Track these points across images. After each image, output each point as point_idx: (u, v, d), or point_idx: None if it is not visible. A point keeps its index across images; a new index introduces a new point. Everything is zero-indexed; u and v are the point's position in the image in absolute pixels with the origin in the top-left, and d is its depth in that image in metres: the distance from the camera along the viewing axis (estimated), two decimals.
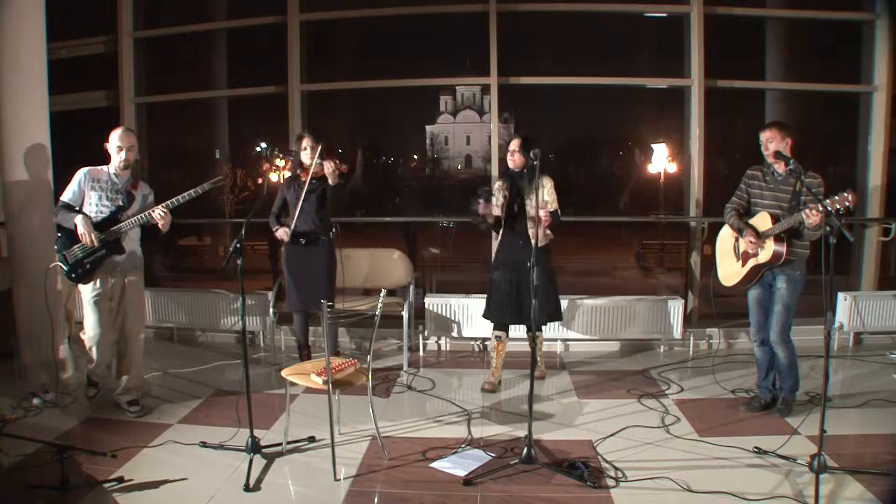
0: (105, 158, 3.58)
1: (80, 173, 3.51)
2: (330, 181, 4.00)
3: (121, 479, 2.76)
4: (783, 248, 3.30)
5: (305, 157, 4.11)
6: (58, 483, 2.61)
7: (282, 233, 4.11)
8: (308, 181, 4.01)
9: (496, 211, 3.88)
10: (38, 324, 4.09)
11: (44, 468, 2.79)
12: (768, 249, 3.33)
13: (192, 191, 3.44)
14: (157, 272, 6.09)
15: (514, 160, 3.91)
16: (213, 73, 5.98)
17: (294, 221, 4.08)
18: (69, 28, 5.33)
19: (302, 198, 4.02)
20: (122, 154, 3.50)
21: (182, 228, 6.58)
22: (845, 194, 2.84)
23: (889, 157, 5.10)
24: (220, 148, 6.44)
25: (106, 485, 2.72)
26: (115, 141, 3.50)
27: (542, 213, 3.67)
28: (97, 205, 3.50)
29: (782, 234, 3.29)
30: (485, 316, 4.14)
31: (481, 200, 3.85)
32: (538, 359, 4.23)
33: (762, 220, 3.39)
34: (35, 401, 3.66)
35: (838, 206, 2.85)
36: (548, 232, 3.91)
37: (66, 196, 3.48)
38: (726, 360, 4.59)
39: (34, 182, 4.08)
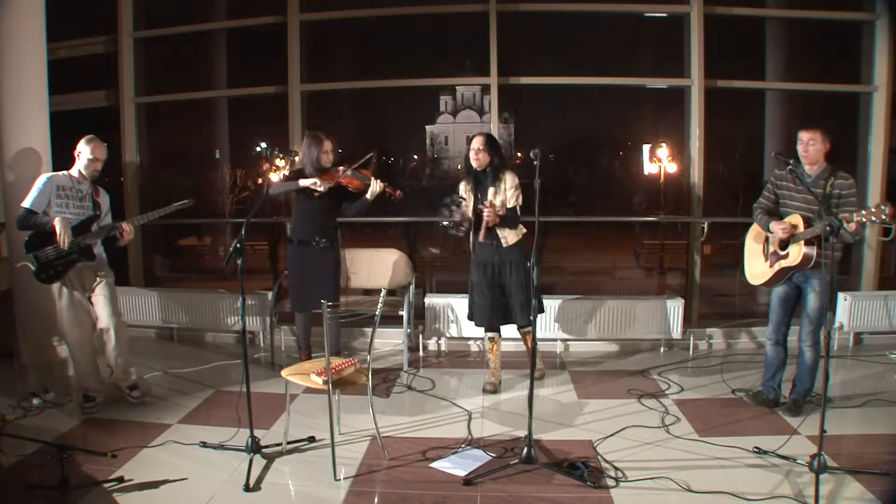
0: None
1: (42, 179, 3.50)
2: (368, 196, 3.97)
3: (121, 479, 2.76)
4: (813, 252, 3.25)
5: (327, 161, 4.02)
6: (58, 483, 2.61)
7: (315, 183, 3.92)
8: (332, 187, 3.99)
9: (468, 213, 3.88)
10: (38, 324, 4.10)
11: (44, 468, 2.78)
12: (798, 253, 3.29)
13: (159, 210, 3.59)
14: (157, 272, 6.09)
15: (479, 159, 3.81)
16: (213, 73, 5.98)
17: (305, 222, 4.08)
18: (69, 28, 5.33)
19: (321, 200, 4.03)
20: (95, 166, 3.56)
21: (182, 228, 6.58)
22: (883, 207, 2.78)
23: (889, 157, 5.10)
24: (220, 148, 6.44)
25: (106, 485, 2.72)
26: (88, 153, 3.53)
27: (486, 212, 3.68)
28: (64, 212, 3.48)
29: (813, 238, 3.26)
30: (469, 318, 4.10)
31: (454, 208, 3.84)
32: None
33: (794, 222, 3.35)
34: (35, 401, 3.66)
35: (873, 219, 2.81)
36: (520, 227, 3.86)
37: (28, 202, 3.44)
38: (726, 360, 4.59)
39: (35, 181, 4.08)
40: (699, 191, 5.10)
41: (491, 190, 3.80)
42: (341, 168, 4.00)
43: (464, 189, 3.96)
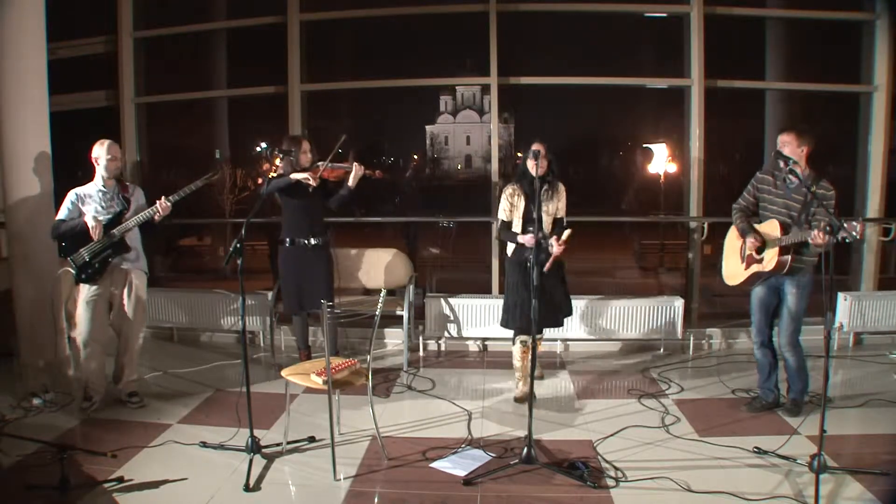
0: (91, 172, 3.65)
1: (71, 194, 3.57)
2: (350, 183, 4.01)
3: (121, 479, 2.76)
4: (787, 259, 3.27)
5: (305, 160, 4.10)
6: (58, 483, 2.61)
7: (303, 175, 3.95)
8: (316, 183, 4.02)
9: (514, 218, 3.76)
10: (38, 324, 4.10)
11: (44, 468, 2.79)
12: (772, 259, 3.30)
13: (190, 186, 3.57)
14: (157, 272, 6.09)
15: (542, 165, 3.62)
16: (213, 73, 5.98)
17: (295, 222, 4.10)
18: (69, 28, 5.33)
19: (308, 199, 4.06)
20: (115, 164, 3.60)
21: (182, 228, 6.58)
22: (854, 224, 2.80)
23: (889, 157, 5.10)
24: (220, 148, 6.44)
25: (106, 485, 2.73)
26: (104, 153, 3.57)
27: (556, 248, 3.54)
28: (96, 215, 3.52)
29: (788, 245, 3.26)
30: (505, 325, 3.88)
31: (528, 236, 3.62)
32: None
33: (771, 228, 3.35)
34: (35, 401, 3.66)
35: (844, 236, 2.81)
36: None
37: (62, 215, 3.53)
38: (726, 360, 4.59)
39: (35, 182, 4.09)
40: (699, 191, 5.09)
41: (551, 203, 3.75)
42: (321, 163, 4.05)
43: (509, 195, 3.78)
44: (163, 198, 3.53)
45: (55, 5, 4.28)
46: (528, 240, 3.61)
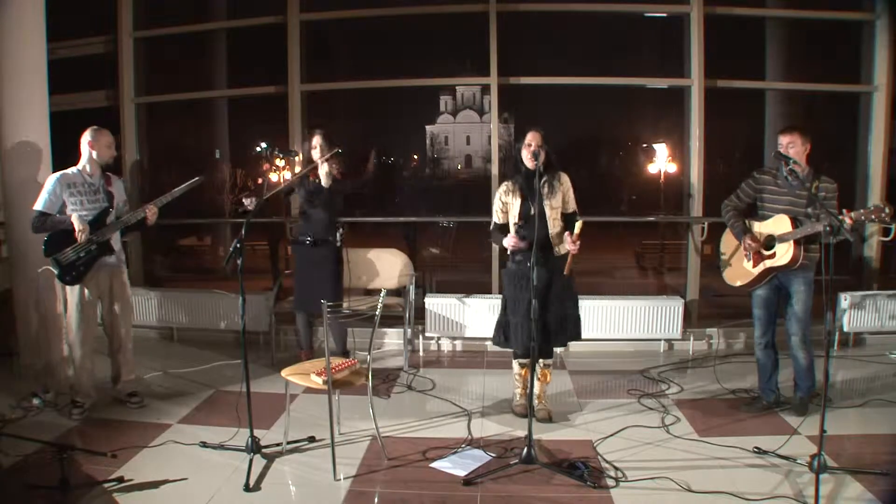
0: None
1: (52, 179, 3.45)
2: (322, 182, 4.06)
3: (121, 479, 2.76)
4: (800, 252, 3.29)
5: (315, 155, 4.11)
6: (58, 483, 2.61)
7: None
8: (315, 180, 4.05)
9: (509, 219, 3.42)
10: (38, 324, 4.10)
11: (44, 468, 2.79)
12: (787, 253, 3.31)
13: (175, 190, 3.59)
14: (157, 272, 6.09)
15: (537, 157, 3.23)
16: (213, 73, 5.98)
17: (305, 221, 4.13)
18: (69, 28, 5.33)
19: (309, 198, 4.10)
20: (113, 151, 3.60)
21: (182, 228, 6.58)
22: (882, 207, 2.79)
23: (889, 157, 5.10)
24: (221, 148, 6.45)
25: (106, 485, 2.72)
26: (103, 140, 3.54)
27: (571, 245, 3.16)
28: (79, 210, 3.46)
29: (799, 239, 3.28)
30: (498, 343, 3.54)
31: (516, 236, 3.30)
32: (542, 393, 3.58)
33: (781, 223, 3.35)
34: (35, 401, 3.66)
35: (873, 217, 2.82)
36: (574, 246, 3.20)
37: (40, 204, 3.39)
38: (726, 360, 4.59)
39: (34, 182, 4.08)
40: (699, 191, 5.10)
41: (553, 198, 3.36)
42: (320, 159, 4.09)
43: (503, 192, 3.43)
44: (148, 207, 3.53)
45: (55, 5, 4.28)
46: (510, 243, 3.28)
